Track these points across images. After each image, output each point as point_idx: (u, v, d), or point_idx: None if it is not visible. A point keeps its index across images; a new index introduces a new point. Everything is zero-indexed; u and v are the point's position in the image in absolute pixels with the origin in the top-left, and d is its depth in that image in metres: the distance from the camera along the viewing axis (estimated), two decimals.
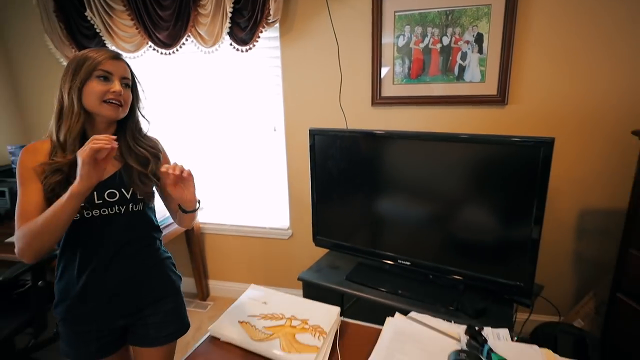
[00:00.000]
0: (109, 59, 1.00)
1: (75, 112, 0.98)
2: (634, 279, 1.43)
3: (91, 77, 0.98)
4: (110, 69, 1.00)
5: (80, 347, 1.12)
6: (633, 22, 1.56)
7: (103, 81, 0.99)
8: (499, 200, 1.44)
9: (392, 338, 1.06)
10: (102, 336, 1.12)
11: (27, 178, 0.96)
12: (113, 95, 1.00)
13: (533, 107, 1.77)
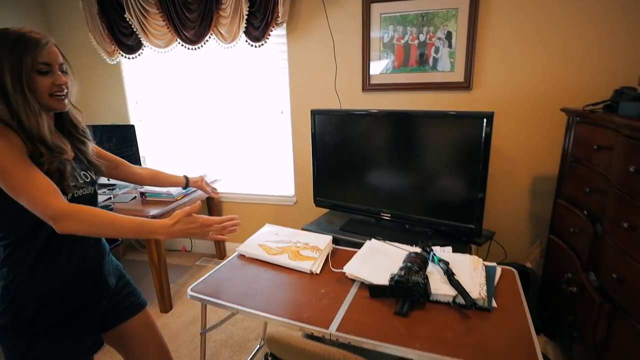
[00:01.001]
0: (43, 49, 0.93)
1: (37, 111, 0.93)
2: (560, 222, 1.85)
3: (33, 73, 0.92)
4: (48, 59, 0.95)
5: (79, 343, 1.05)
6: (565, 25, 1.95)
7: (45, 75, 0.94)
8: (457, 163, 1.85)
9: (367, 252, 1.50)
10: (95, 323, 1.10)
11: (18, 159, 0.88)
12: (58, 89, 0.96)
13: (492, 92, 2.17)
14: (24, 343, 0.96)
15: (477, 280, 1.26)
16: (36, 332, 0.97)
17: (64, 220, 0.87)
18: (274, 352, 1.14)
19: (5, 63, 0.89)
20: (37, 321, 0.96)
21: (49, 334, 0.98)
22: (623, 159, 1.29)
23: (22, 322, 0.95)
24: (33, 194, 0.87)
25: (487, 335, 1.06)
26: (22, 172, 0.87)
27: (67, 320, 1.01)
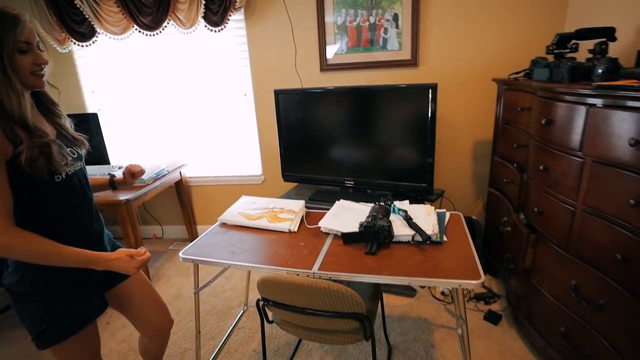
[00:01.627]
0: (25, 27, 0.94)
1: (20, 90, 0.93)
2: (496, 176, 2.17)
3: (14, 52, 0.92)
4: (28, 38, 0.95)
5: (88, 305, 1.13)
6: (493, 6, 2.24)
7: (25, 54, 0.95)
8: (409, 131, 2.10)
9: (337, 210, 1.70)
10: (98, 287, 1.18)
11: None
12: (38, 67, 0.98)
13: (436, 67, 2.44)
14: (43, 307, 1.04)
15: (430, 222, 1.50)
16: (53, 298, 1.05)
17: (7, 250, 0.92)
18: (265, 296, 1.31)
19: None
20: (53, 288, 1.05)
21: (64, 298, 1.07)
22: (538, 115, 1.58)
23: (39, 289, 1.03)
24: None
25: (440, 261, 1.30)
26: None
27: (77, 285, 1.10)
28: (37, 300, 1.04)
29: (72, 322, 1.09)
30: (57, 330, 1.06)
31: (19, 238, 0.93)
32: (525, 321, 1.79)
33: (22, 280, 1.02)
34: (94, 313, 1.16)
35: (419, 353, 1.76)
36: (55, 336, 1.06)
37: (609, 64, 1.23)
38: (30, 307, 1.04)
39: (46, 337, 1.05)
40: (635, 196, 1.10)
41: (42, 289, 1.03)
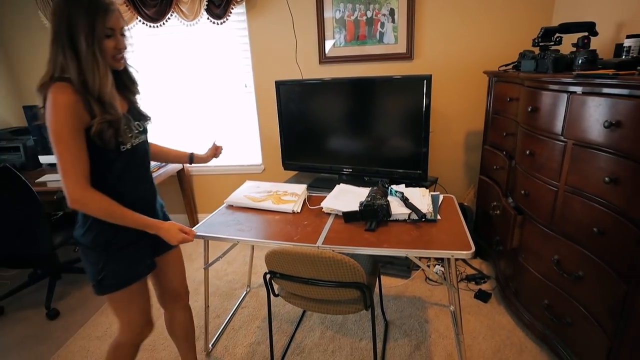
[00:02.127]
0: (113, 15, 1.05)
1: (104, 72, 1.05)
2: (487, 163, 2.29)
3: (103, 36, 1.03)
4: (114, 24, 1.06)
5: (140, 263, 1.25)
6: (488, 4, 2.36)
7: (109, 38, 1.06)
8: (403, 120, 2.20)
9: (337, 192, 1.80)
10: (150, 249, 1.30)
11: (74, 135, 1.03)
12: (119, 52, 1.10)
13: (430, 60, 2.55)
14: (103, 258, 1.17)
15: (425, 202, 1.61)
16: (113, 250, 1.18)
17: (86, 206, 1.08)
18: (272, 268, 1.41)
19: (80, 25, 1.00)
20: (111, 243, 1.17)
21: (120, 253, 1.20)
22: (525, 104, 1.70)
23: (102, 242, 1.16)
24: (70, 173, 1.04)
25: (434, 235, 1.41)
26: (71, 148, 1.03)
27: (131, 243, 1.22)
28: (98, 252, 1.17)
29: (126, 275, 1.21)
30: (113, 280, 1.19)
31: (93, 197, 1.08)
32: (513, 298, 1.91)
33: (86, 233, 1.16)
34: (144, 271, 1.27)
35: (414, 327, 1.88)
36: (111, 285, 1.19)
37: (588, 55, 1.34)
38: (93, 257, 1.17)
39: (104, 285, 1.18)
40: (610, 174, 1.22)
41: (102, 242, 1.16)
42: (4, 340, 1.95)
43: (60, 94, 1.01)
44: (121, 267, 1.20)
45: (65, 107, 1.01)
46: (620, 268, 1.22)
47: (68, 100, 1.01)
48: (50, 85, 1.02)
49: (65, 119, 1.01)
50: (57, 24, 1.03)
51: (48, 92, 1.02)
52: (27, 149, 2.67)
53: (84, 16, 1.01)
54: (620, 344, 1.22)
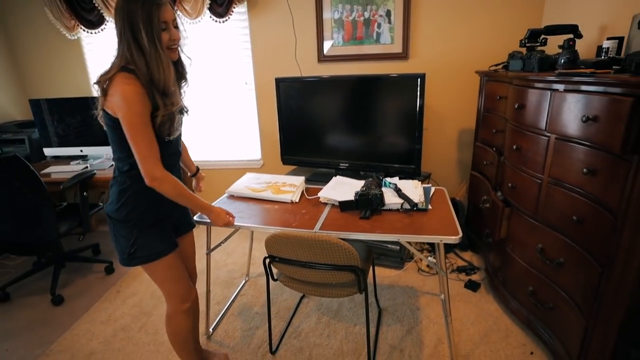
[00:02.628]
0: (166, 8, 1.13)
1: (167, 65, 1.14)
2: (478, 159, 2.39)
3: (160, 29, 1.12)
4: (167, 17, 1.14)
5: (168, 238, 1.36)
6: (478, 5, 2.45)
7: (164, 31, 1.14)
8: (398, 117, 2.29)
9: (334, 184, 1.89)
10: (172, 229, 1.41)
11: (147, 122, 1.14)
12: (173, 43, 1.19)
13: (425, 60, 2.64)
14: (135, 232, 1.27)
15: (417, 193, 1.70)
16: (144, 225, 1.28)
17: (163, 184, 1.20)
18: (272, 252, 1.49)
19: (140, 20, 1.08)
20: (145, 218, 1.28)
21: (152, 227, 1.30)
22: (512, 101, 1.79)
23: (134, 217, 1.26)
24: (149, 156, 1.16)
25: (425, 223, 1.50)
26: (147, 135, 1.14)
27: (161, 220, 1.33)
28: (131, 226, 1.27)
29: (156, 249, 1.31)
30: (144, 253, 1.29)
31: (170, 178, 1.22)
32: (501, 287, 2.00)
33: (120, 208, 1.26)
34: (171, 247, 1.36)
35: (406, 314, 1.96)
36: (142, 257, 1.30)
37: (570, 55, 1.43)
38: (125, 231, 1.27)
39: (135, 257, 1.29)
40: (588, 166, 1.31)
41: (134, 218, 1.26)
42: (11, 324, 2.02)
43: (128, 84, 1.10)
44: (151, 242, 1.30)
45: (137, 96, 1.10)
46: (597, 253, 1.31)
47: (138, 90, 1.11)
48: (115, 75, 1.11)
49: (139, 109, 1.11)
50: (120, 21, 1.12)
51: (114, 81, 1.11)
52: (32, 142, 2.73)
53: (140, 12, 1.09)
54: (595, 323, 1.31)
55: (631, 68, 1.10)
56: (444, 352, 1.71)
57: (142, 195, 1.25)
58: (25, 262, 2.68)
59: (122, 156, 1.23)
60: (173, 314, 1.44)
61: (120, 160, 1.25)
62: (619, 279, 1.20)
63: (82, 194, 2.25)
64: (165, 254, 1.33)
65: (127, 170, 1.24)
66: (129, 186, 1.25)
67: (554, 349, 1.59)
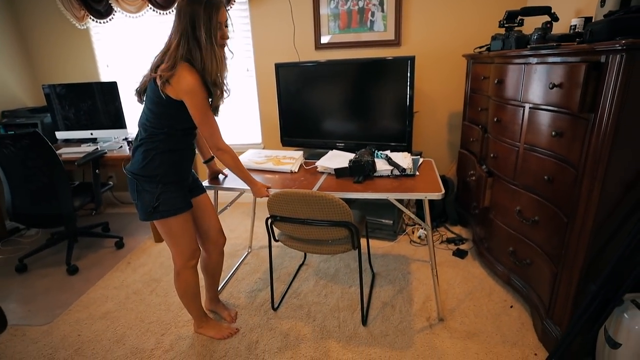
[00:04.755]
0: (223, 11, 1.35)
1: (220, 59, 1.38)
2: (465, 137, 2.55)
3: (216, 29, 1.34)
4: (222, 19, 1.35)
5: (185, 197, 1.53)
6: None
7: (220, 30, 1.36)
8: (392, 98, 2.45)
9: (330, 156, 2.04)
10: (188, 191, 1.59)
11: (209, 106, 1.41)
12: (224, 42, 1.42)
13: (416, 46, 2.80)
14: (159, 187, 1.44)
15: (406, 161, 1.86)
16: (167, 181, 1.45)
17: (225, 154, 1.49)
18: (273, 212, 1.65)
19: (201, 20, 1.29)
20: (168, 174, 1.45)
21: (173, 185, 1.47)
22: (493, 78, 1.95)
23: (160, 172, 1.43)
24: (215, 132, 1.44)
25: (413, 185, 1.66)
26: (211, 116, 1.41)
27: (180, 180, 1.51)
28: (156, 182, 1.43)
29: (177, 204, 1.48)
30: (166, 207, 1.45)
31: (230, 150, 1.51)
32: (486, 253, 2.16)
33: (146, 166, 1.42)
34: (187, 206, 1.53)
35: (397, 277, 2.12)
36: (164, 211, 1.45)
37: (541, 32, 1.59)
38: (150, 186, 1.44)
39: (159, 211, 1.45)
40: (555, 129, 1.47)
41: (158, 174, 1.43)
42: (30, 290, 2.17)
43: (189, 74, 1.31)
44: (172, 198, 1.46)
45: (201, 86, 1.34)
46: (564, 207, 1.47)
47: (198, 79, 1.33)
48: (178, 65, 1.31)
49: (204, 95, 1.36)
50: (182, 20, 1.31)
51: (179, 71, 1.30)
52: (44, 126, 2.88)
53: (202, 13, 1.29)
54: (562, 268, 1.47)
55: (587, 38, 1.26)
56: (431, 307, 1.87)
57: (166, 156, 1.44)
58: (38, 238, 2.83)
59: (158, 124, 1.42)
60: (181, 269, 1.59)
61: (154, 127, 1.42)
62: (581, 225, 1.35)
63: (95, 171, 2.40)
64: (183, 211, 1.50)
65: (157, 134, 1.43)
66: (155, 147, 1.43)
67: (530, 299, 1.75)
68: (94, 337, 1.77)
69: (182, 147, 1.49)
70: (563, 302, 1.48)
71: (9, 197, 2.22)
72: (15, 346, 1.74)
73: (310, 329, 1.75)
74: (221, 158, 1.49)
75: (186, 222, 1.53)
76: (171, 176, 1.46)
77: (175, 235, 1.53)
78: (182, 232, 1.53)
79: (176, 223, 1.49)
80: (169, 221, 1.48)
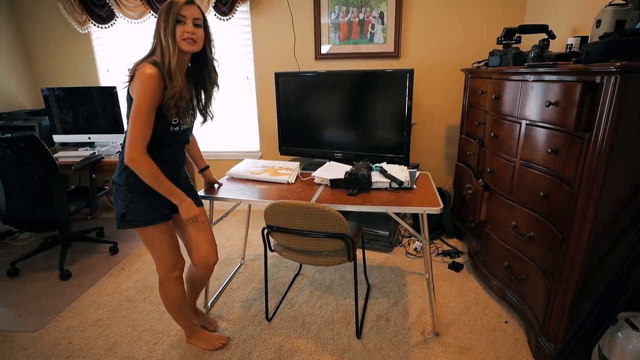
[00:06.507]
0: (183, 5, 1.32)
1: (173, 50, 1.32)
2: (462, 151, 2.56)
3: (175, 23, 1.31)
4: (184, 13, 1.31)
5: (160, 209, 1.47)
6: (462, 9, 2.65)
7: (181, 24, 1.32)
8: (390, 110, 2.47)
9: (327, 167, 2.05)
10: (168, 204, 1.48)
11: (153, 106, 1.30)
12: (187, 35, 1.33)
13: (415, 59, 2.83)
14: (130, 195, 1.42)
15: (404, 174, 1.87)
16: (137, 190, 1.41)
17: (139, 166, 1.32)
18: (270, 222, 1.64)
19: (162, 16, 1.31)
20: (138, 184, 1.37)
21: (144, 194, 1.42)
22: (490, 93, 1.97)
23: (130, 182, 1.40)
24: (136, 138, 1.29)
25: (410, 199, 1.66)
26: (145, 120, 1.29)
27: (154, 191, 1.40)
28: (125, 190, 1.42)
29: (145, 216, 1.44)
30: (133, 217, 1.43)
31: (146, 161, 1.33)
32: (481, 267, 2.16)
33: (121, 174, 1.42)
34: (160, 217, 1.47)
35: (393, 290, 2.11)
36: (130, 221, 1.43)
37: (538, 50, 1.61)
38: (121, 195, 1.43)
39: (125, 220, 1.43)
40: (551, 146, 1.49)
41: (131, 182, 1.40)
42: (22, 295, 2.14)
43: (148, 68, 1.28)
44: (141, 208, 1.43)
45: (151, 85, 1.27)
46: (558, 223, 1.47)
47: (154, 79, 1.28)
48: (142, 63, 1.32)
49: (149, 95, 1.28)
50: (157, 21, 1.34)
51: (140, 68, 1.29)
52: (42, 129, 2.87)
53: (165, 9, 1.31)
54: (557, 285, 1.48)
55: (582, 58, 1.28)
56: (426, 321, 1.86)
57: None
58: (31, 242, 2.80)
59: None
60: (163, 280, 1.57)
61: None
62: (576, 241, 1.36)
63: (91, 176, 2.39)
64: (153, 223, 1.45)
65: None
66: None
67: (525, 315, 1.75)
68: (85, 345, 1.74)
69: (160, 157, 1.39)
70: (557, 319, 1.48)
71: (3, 200, 2.21)
72: (4, 353, 1.71)
73: (304, 341, 1.74)
74: (135, 169, 1.33)
75: (161, 233, 1.49)
76: (142, 186, 1.38)
77: (152, 246, 1.51)
78: (158, 243, 1.50)
79: (150, 233, 1.47)
80: (142, 231, 1.47)
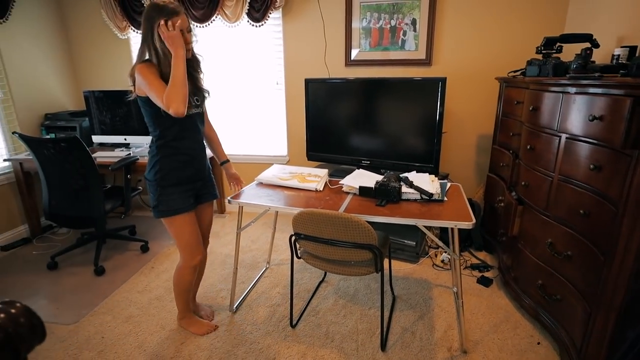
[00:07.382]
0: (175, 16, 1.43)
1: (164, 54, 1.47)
2: (495, 162, 2.49)
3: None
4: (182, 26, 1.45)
5: (186, 200, 1.64)
6: (499, 15, 2.58)
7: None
8: (420, 118, 2.43)
9: (356, 175, 2.04)
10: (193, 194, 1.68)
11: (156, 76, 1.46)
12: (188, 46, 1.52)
13: (447, 67, 2.77)
14: (160, 189, 1.59)
15: (434, 186, 1.83)
16: (166, 184, 1.59)
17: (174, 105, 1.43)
18: (298, 230, 1.65)
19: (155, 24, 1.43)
20: (167, 178, 1.59)
21: (173, 187, 1.61)
22: (528, 104, 1.90)
23: (159, 177, 1.59)
24: (159, 94, 1.43)
25: (441, 211, 1.62)
26: (158, 83, 1.44)
27: (182, 183, 1.63)
28: (156, 185, 1.60)
29: (174, 206, 1.61)
30: (164, 207, 1.61)
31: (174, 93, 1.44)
32: (512, 283, 2.09)
33: (151, 170, 1.61)
34: (188, 207, 1.66)
35: (419, 302, 2.07)
36: (162, 211, 1.62)
37: (581, 61, 1.54)
38: (152, 189, 1.62)
39: (158, 210, 1.62)
40: (594, 162, 1.41)
41: (158, 178, 1.59)
42: (59, 288, 2.25)
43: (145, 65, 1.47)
44: (171, 200, 1.61)
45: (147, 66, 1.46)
46: (600, 243, 1.40)
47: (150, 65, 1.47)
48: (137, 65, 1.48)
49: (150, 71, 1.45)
50: (144, 24, 1.46)
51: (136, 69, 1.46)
52: (82, 129, 3.01)
53: (157, 17, 1.42)
54: (597, 310, 1.40)
55: (632, 71, 1.21)
56: (453, 336, 1.81)
57: (166, 161, 1.59)
58: (69, 237, 2.94)
59: (152, 130, 1.59)
60: (183, 266, 1.74)
61: (152, 134, 1.60)
62: (620, 264, 1.29)
63: (126, 177, 2.49)
64: (181, 212, 1.63)
65: (155, 141, 1.59)
66: (156, 153, 1.59)
67: (559, 338, 1.67)
68: (117, 341, 1.81)
69: (180, 152, 1.59)
70: (597, 345, 1.40)
71: (46, 197, 2.33)
72: (44, 343, 1.80)
73: (328, 350, 1.73)
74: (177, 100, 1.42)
75: (186, 223, 1.65)
76: (171, 180, 1.59)
77: (176, 234, 1.67)
78: (182, 232, 1.66)
79: (178, 223, 1.64)
80: (172, 221, 1.63)
